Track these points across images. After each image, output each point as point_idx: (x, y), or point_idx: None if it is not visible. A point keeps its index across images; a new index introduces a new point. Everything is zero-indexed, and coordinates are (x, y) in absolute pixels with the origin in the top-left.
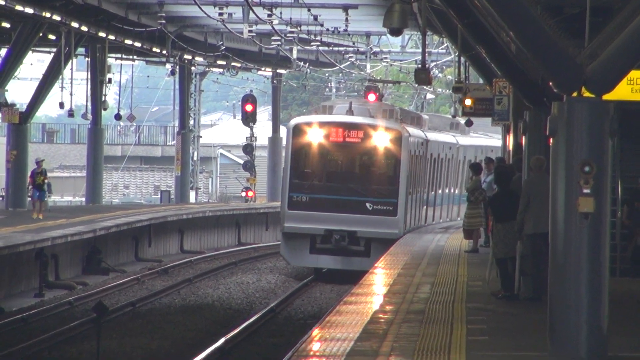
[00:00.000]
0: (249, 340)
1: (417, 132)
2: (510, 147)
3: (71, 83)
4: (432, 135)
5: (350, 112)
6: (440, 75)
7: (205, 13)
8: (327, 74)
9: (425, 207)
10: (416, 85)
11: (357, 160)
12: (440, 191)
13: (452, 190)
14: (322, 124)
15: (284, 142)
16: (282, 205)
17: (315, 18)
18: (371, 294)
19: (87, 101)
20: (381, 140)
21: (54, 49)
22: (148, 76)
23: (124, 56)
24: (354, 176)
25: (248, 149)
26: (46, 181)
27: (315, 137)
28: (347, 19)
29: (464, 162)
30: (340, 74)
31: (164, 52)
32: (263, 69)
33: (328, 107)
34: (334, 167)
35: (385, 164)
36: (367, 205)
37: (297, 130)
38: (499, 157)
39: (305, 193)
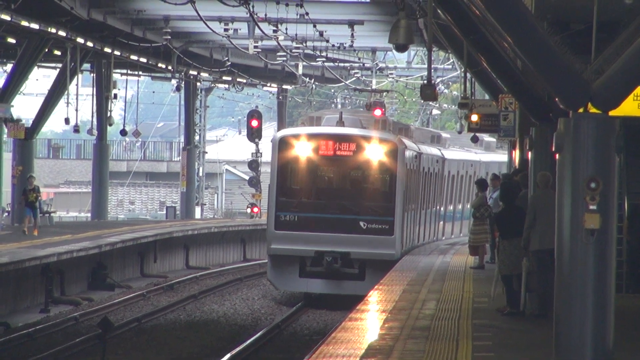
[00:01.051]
0: (254, 356)
1: (411, 144)
2: (517, 163)
3: (77, 99)
4: (423, 148)
5: (340, 123)
6: (446, 91)
7: (211, 29)
8: (332, 90)
9: (419, 225)
10: (422, 101)
11: (349, 175)
12: (431, 208)
13: (439, 207)
14: (311, 136)
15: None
16: (269, 225)
17: (321, 34)
18: (377, 311)
19: (92, 117)
20: (375, 152)
21: (60, 65)
22: (153, 92)
23: (129, 72)
24: (346, 193)
25: (253, 165)
26: (40, 198)
27: (303, 150)
28: (352, 35)
29: (449, 177)
30: (346, 90)
31: (170, 67)
32: (268, 84)
33: (316, 118)
34: (324, 183)
35: (380, 178)
36: (361, 224)
37: (283, 144)
38: (505, 173)
39: (293, 212)
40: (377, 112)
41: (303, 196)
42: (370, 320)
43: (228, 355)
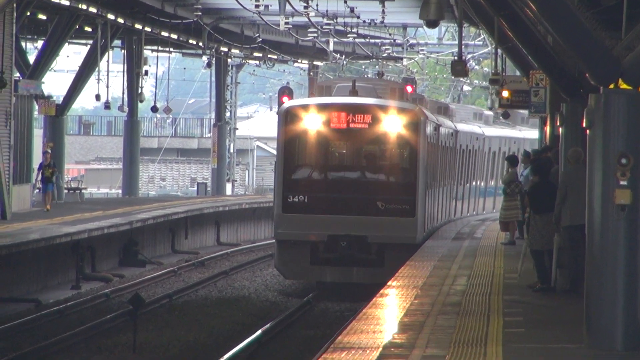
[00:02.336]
0: (285, 333)
1: (430, 115)
2: (547, 139)
3: (107, 75)
4: (441, 119)
5: (353, 92)
6: (477, 67)
7: (242, 5)
8: (363, 66)
9: (440, 204)
10: (453, 78)
11: (364, 150)
12: (451, 185)
13: (457, 184)
14: (321, 107)
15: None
16: (276, 207)
17: (352, 10)
18: (407, 287)
19: (123, 93)
20: (394, 124)
21: (90, 41)
22: (184, 68)
23: (160, 48)
24: (362, 170)
25: None
26: (57, 174)
27: (312, 123)
28: (383, 11)
29: (460, 151)
30: (377, 66)
31: (200, 44)
32: (299, 61)
33: (325, 88)
34: (336, 160)
35: (400, 153)
36: (379, 204)
37: (290, 116)
38: (535, 149)
39: (302, 192)
40: (408, 89)
41: (313, 174)
42: (401, 297)
43: (259, 332)
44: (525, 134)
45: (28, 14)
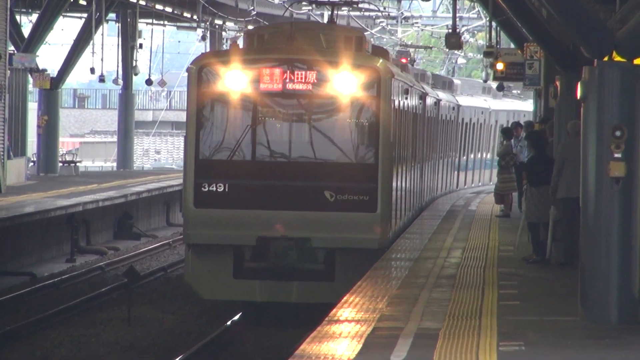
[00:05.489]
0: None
1: (399, 72)
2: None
3: (102, 48)
4: (409, 79)
5: (292, 41)
6: (471, 40)
7: None
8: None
9: (411, 190)
10: (447, 50)
11: (307, 120)
12: (423, 162)
13: (428, 160)
14: (248, 62)
15: None
16: (185, 200)
17: None
18: (402, 259)
19: (118, 66)
20: (347, 85)
21: (85, 15)
22: (179, 41)
23: (154, 21)
24: (304, 147)
25: None
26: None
27: (236, 84)
28: None
29: (425, 119)
30: (372, 39)
31: (195, 17)
32: None
33: (257, 37)
34: (269, 134)
35: (356, 125)
36: (327, 194)
37: (205, 75)
38: (528, 121)
39: (221, 179)
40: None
41: (237, 155)
42: (395, 269)
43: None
44: (460, 100)
45: None
